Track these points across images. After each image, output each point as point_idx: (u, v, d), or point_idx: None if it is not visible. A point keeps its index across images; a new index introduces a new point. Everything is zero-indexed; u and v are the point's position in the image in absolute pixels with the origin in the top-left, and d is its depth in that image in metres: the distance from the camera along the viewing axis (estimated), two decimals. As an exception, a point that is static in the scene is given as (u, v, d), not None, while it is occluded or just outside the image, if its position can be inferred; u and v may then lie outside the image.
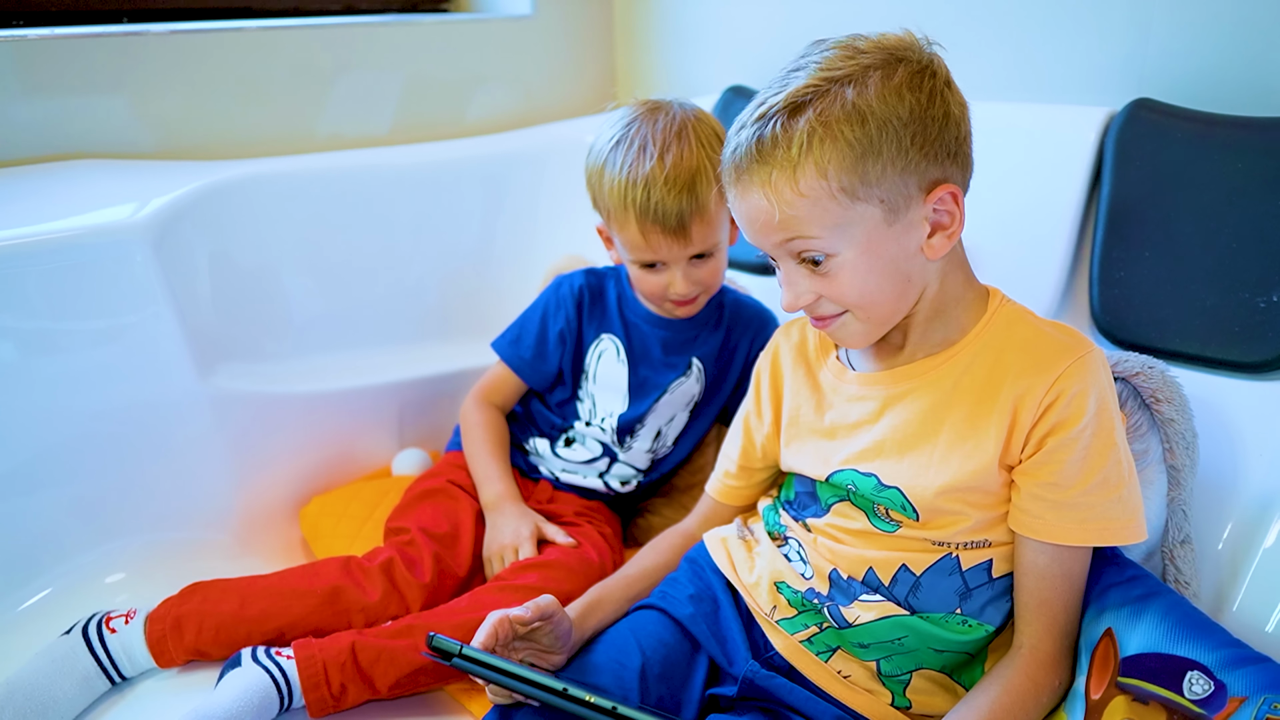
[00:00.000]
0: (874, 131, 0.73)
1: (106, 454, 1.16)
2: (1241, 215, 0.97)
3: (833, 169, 0.73)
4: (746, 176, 0.76)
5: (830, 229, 0.75)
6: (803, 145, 0.73)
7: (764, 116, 0.75)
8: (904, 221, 0.76)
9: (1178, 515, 0.87)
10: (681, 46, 1.75)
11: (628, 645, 0.87)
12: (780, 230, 0.76)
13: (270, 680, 0.88)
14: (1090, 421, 0.75)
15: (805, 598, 0.84)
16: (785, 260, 0.79)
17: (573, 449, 1.19)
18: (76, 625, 0.95)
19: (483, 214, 1.56)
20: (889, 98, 0.74)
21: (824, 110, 0.73)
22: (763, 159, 0.74)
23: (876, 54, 0.75)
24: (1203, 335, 0.96)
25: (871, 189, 0.74)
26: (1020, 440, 0.77)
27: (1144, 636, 0.75)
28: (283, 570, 1.02)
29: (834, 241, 0.76)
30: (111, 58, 1.34)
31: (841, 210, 0.74)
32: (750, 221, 0.78)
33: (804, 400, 0.91)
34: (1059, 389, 0.75)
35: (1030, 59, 1.23)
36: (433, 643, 0.73)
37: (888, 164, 0.74)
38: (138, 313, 1.16)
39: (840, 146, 0.73)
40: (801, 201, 0.74)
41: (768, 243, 0.79)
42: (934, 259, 0.79)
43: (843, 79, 0.74)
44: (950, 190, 0.76)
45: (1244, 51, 1.05)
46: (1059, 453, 0.76)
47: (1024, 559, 0.79)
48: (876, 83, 0.74)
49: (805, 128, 0.73)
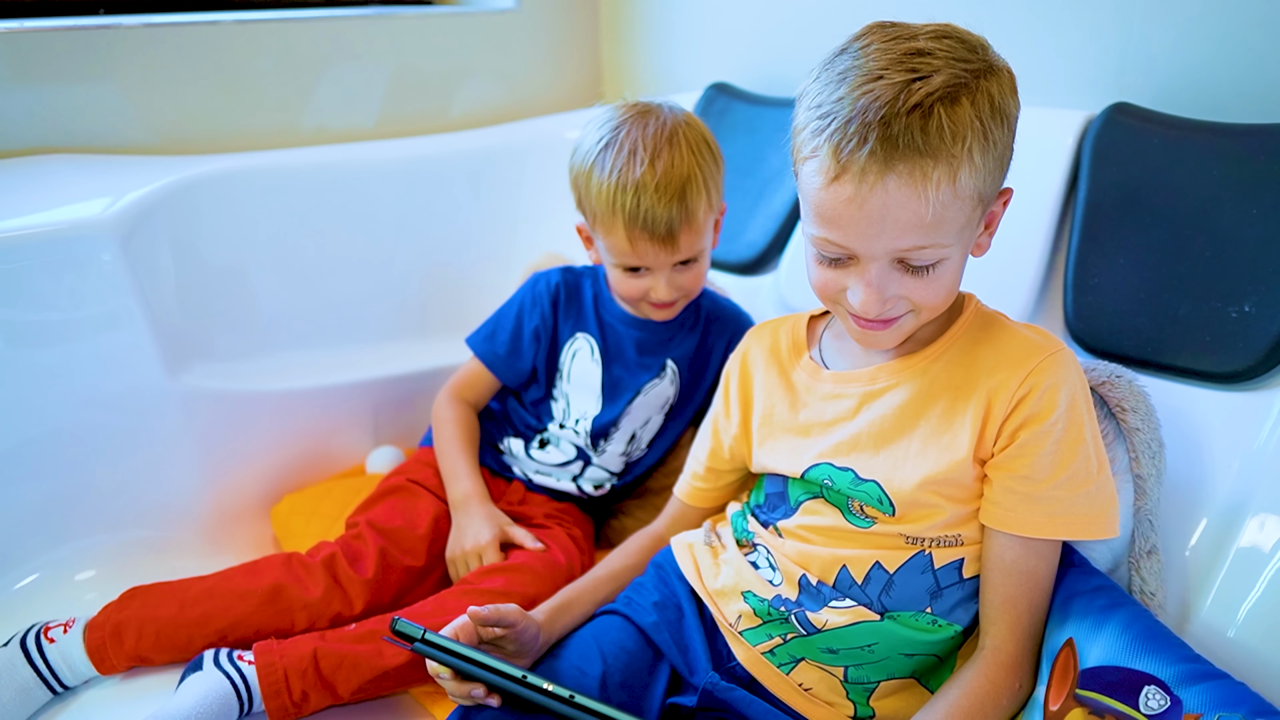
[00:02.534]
0: (1007, 134, 0.72)
1: (75, 451, 1.15)
2: (1216, 223, 0.96)
3: (982, 168, 0.70)
4: (903, 167, 0.68)
5: (958, 232, 0.72)
6: (966, 141, 0.68)
7: (923, 105, 0.67)
8: (982, 220, 0.76)
9: (1144, 525, 0.87)
10: (666, 42, 1.73)
11: (590, 652, 0.87)
12: (918, 233, 0.70)
13: (230, 686, 0.87)
14: (1061, 416, 0.76)
15: (771, 605, 0.84)
16: (880, 262, 0.73)
17: (546, 451, 1.18)
18: (15, 637, 0.94)
19: (463, 210, 1.55)
20: (1013, 97, 0.73)
21: (977, 104, 0.69)
22: (928, 151, 0.67)
23: (986, 52, 0.73)
24: (1174, 344, 0.95)
25: (990, 190, 0.73)
26: (993, 433, 0.77)
27: (1105, 648, 0.75)
28: (224, 570, 1.01)
29: (955, 246, 0.73)
30: (88, 50, 1.33)
31: (970, 211, 0.72)
32: (884, 219, 0.70)
33: (777, 400, 0.91)
34: (1031, 383, 0.76)
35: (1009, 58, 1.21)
36: (396, 626, 0.73)
37: (1004, 165, 0.74)
38: (105, 309, 1.16)
39: (990, 146, 0.70)
40: (955, 203, 0.70)
41: (889, 245, 0.71)
42: (978, 256, 0.79)
43: (977, 71, 0.70)
44: (1009, 193, 0.78)
45: (1226, 57, 1.03)
46: (1030, 446, 0.76)
47: (991, 554, 0.79)
48: (1002, 80, 0.72)
49: (968, 121, 0.68)
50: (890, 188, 0.69)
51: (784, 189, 1.36)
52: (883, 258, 0.73)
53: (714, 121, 1.49)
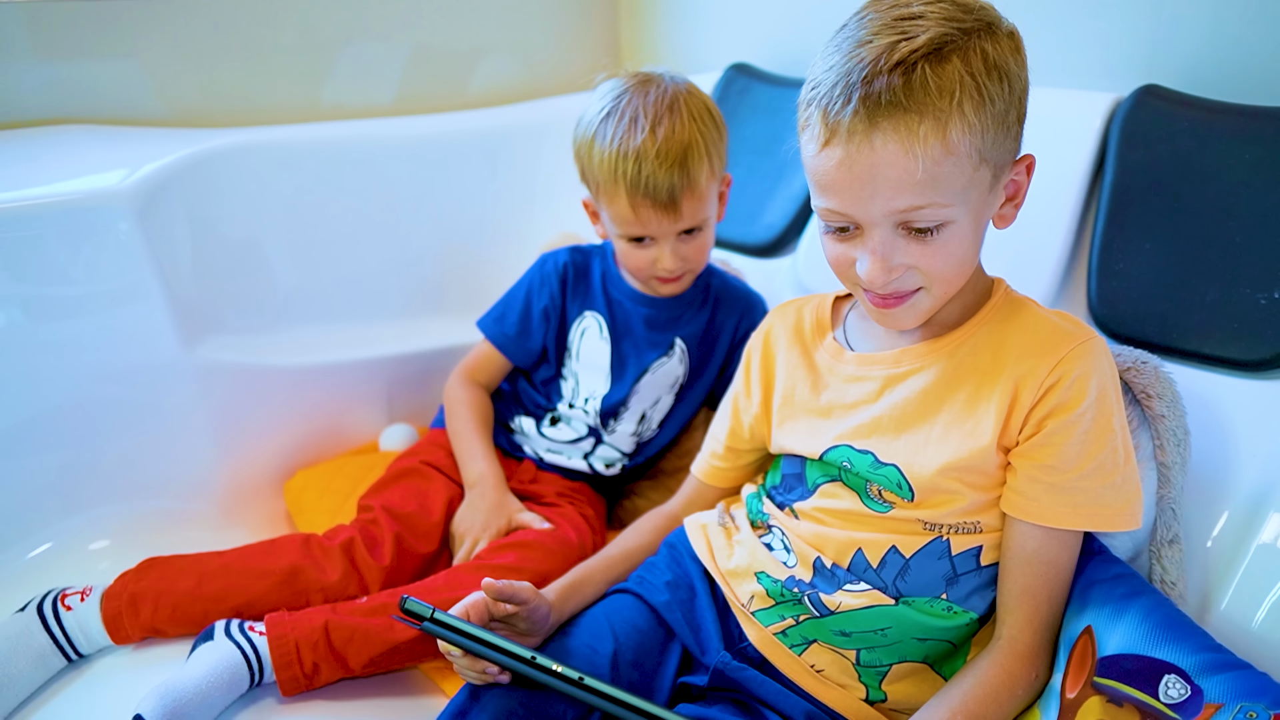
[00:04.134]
0: (1008, 91, 0.70)
1: (89, 422, 1.15)
2: (1247, 208, 0.94)
3: (978, 125, 0.68)
4: (887, 124, 0.67)
5: (959, 193, 0.70)
6: (955, 95, 0.67)
7: (904, 61, 0.67)
8: (998, 188, 0.74)
9: (1166, 514, 0.85)
10: (686, 22, 1.72)
11: (601, 630, 0.86)
12: (913, 193, 0.69)
13: (241, 656, 0.87)
14: (1090, 406, 0.74)
15: (785, 587, 0.83)
16: (882, 227, 0.72)
17: (558, 428, 1.18)
18: (32, 602, 0.95)
19: (479, 188, 1.55)
20: (1016, 57, 0.72)
21: (968, 60, 0.68)
22: (912, 106, 0.67)
23: (988, 12, 0.72)
24: (1201, 331, 0.94)
25: (995, 151, 0.71)
26: (1019, 421, 0.76)
27: (1124, 636, 0.74)
28: (242, 547, 1.02)
29: (958, 208, 0.71)
30: (108, 23, 1.33)
31: (971, 171, 0.70)
32: (875, 179, 0.69)
33: (799, 380, 0.89)
34: (1060, 372, 0.74)
35: (1038, 40, 1.19)
36: (405, 605, 0.73)
37: (1010, 126, 0.72)
38: (121, 281, 1.16)
39: (986, 102, 0.69)
40: (948, 160, 0.68)
41: (885, 207, 0.70)
42: (1002, 229, 0.78)
43: (972, 30, 0.69)
44: (1029, 160, 0.76)
45: (1259, 39, 1.01)
46: (1057, 435, 0.74)
47: (1012, 543, 0.78)
48: (1005, 41, 0.71)
49: (955, 76, 0.67)
50: (877, 146, 0.68)
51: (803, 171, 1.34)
52: (883, 222, 0.72)
53: (734, 102, 1.48)
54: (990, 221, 0.77)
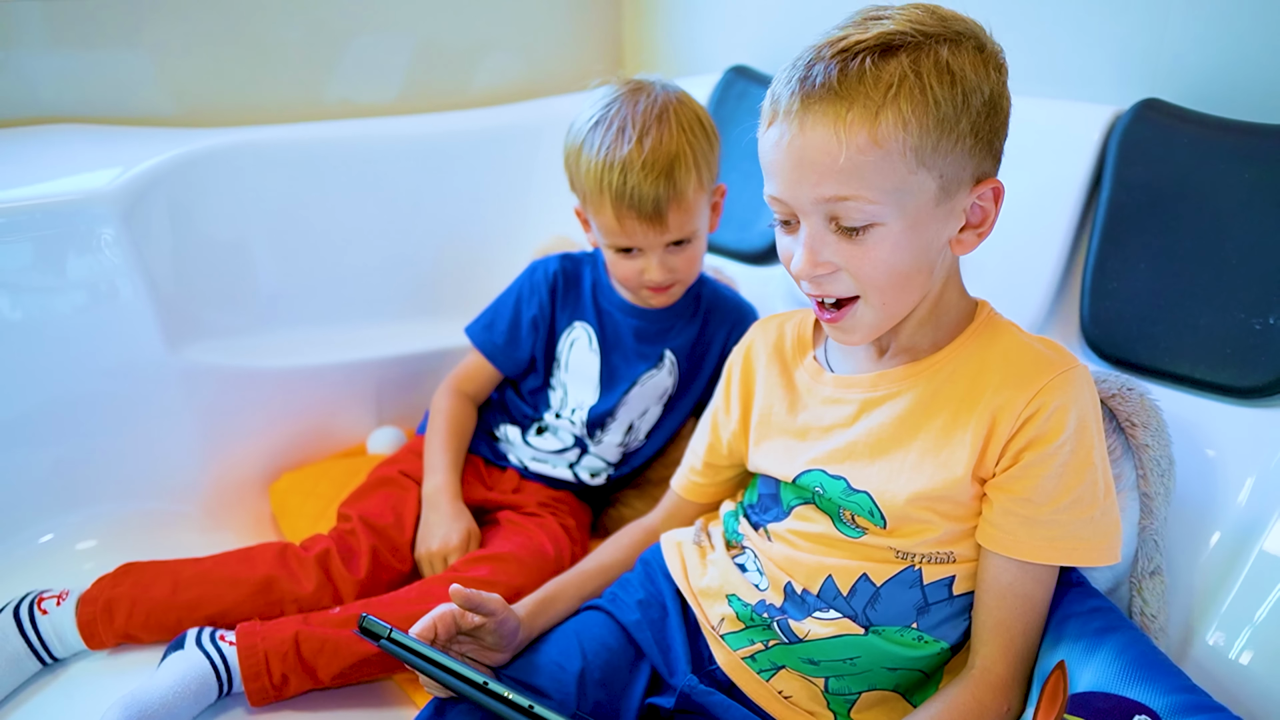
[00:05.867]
0: (960, 99, 0.68)
1: (74, 423, 1.15)
2: (1244, 229, 0.91)
3: (915, 124, 0.67)
4: (818, 109, 0.68)
5: (888, 193, 0.69)
6: (891, 89, 0.67)
7: (849, 50, 0.67)
8: (948, 206, 0.72)
9: (1149, 545, 0.84)
10: (688, 23, 1.70)
11: (570, 648, 0.86)
12: (836, 181, 0.69)
13: (210, 666, 0.87)
14: (1069, 439, 0.72)
15: (755, 611, 0.82)
16: (814, 219, 0.72)
17: (544, 438, 1.17)
18: (8, 605, 0.95)
19: (475, 189, 1.53)
20: (980, 69, 0.70)
21: (918, 60, 0.67)
22: (844, 93, 0.67)
23: (962, 25, 0.71)
24: (1193, 355, 0.91)
25: (939, 159, 0.69)
26: (996, 452, 0.74)
27: (1096, 673, 0.72)
28: (218, 555, 1.01)
29: (887, 208, 0.69)
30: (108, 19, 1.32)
31: (905, 173, 0.69)
32: (801, 163, 0.70)
33: (777, 399, 0.88)
34: (1039, 403, 0.72)
35: (1038, 50, 1.17)
36: (363, 623, 0.72)
37: (961, 138, 0.69)
38: (107, 283, 1.15)
39: (928, 103, 0.67)
40: (874, 151, 0.67)
41: (811, 194, 0.70)
42: (959, 254, 0.76)
43: (935, 36, 0.69)
44: (995, 186, 0.73)
45: (1265, 54, 0.98)
46: (1034, 468, 0.73)
47: (987, 575, 0.76)
48: (969, 51, 0.70)
49: (897, 71, 0.67)
50: (807, 129, 0.69)
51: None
52: (813, 212, 0.72)
53: (732, 105, 1.46)
54: (948, 245, 0.75)
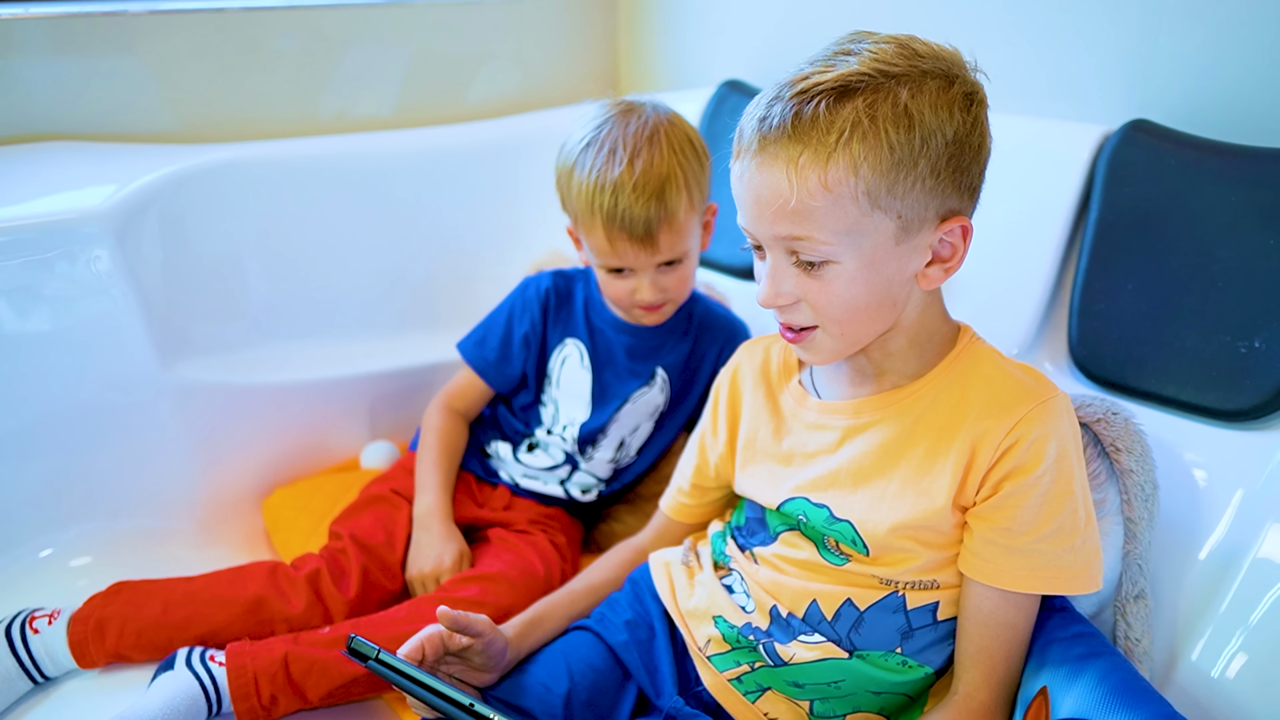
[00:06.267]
0: (918, 142, 0.68)
1: (68, 440, 1.16)
2: (1231, 251, 0.92)
3: (866, 169, 0.68)
4: (773, 150, 0.69)
5: (841, 234, 0.70)
6: (843, 134, 0.67)
7: (806, 93, 0.68)
8: (911, 244, 0.72)
9: (1133, 569, 0.84)
10: (682, 37, 1.70)
11: (557, 669, 0.86)
12: (790, 221, 0.70)
13: (199, 687, 0.88)
14: (1049, 468, 0.73)
15: (741, 633, 0.82)
16: (775, 252, 0.73)
17: (534, 455, 1.17)
18: (0, 624, 0.95)
19: (469, 203, 1.54)
20: (941, 111, 0.69)
21: (874, 104, 0.68)
22: (797, 137, 0.68)
23: (933, 62, 0.71)
24: (1179, 378, 0.92)
25: (895, 201, 0.69)
26: (976, 482, 0.74)
27: (1078, 700, 0.72)
28: (210, 574, 1.02)
29: (840, 248, 0.71)
30: (102, 37, 1.33)
31: (859, 215, 0.69)
32: (758, 200, 0.71)
33: (762, 423, 0.88)
34: (1018, 434, 0.73)
35: (1028, 69, 1.17)
36: (351, 644, 0.73)
37: (919, 180, 0.69)
38: (100, 299, 1.16)
39: (881, 147, 0.68)
40: (824, 196, 0.68)
41: (768, 230, 0.72)
42: (926, 289, 0.76)
43: (899, 77, 0.69)
44: (962, 224, 0.73)
45: (1254, 77, 0.98)
46: (1014, 498, 0.73)
47: (969, 603, 0.76)
48: (932, 92, 0.69)
49: (851, 116, 0.67)
50: (763, 167, 0.71)
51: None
52: (775, 246, 0.73)
53: (726, 119, 1.46)
54: (914, 279, 0.75)
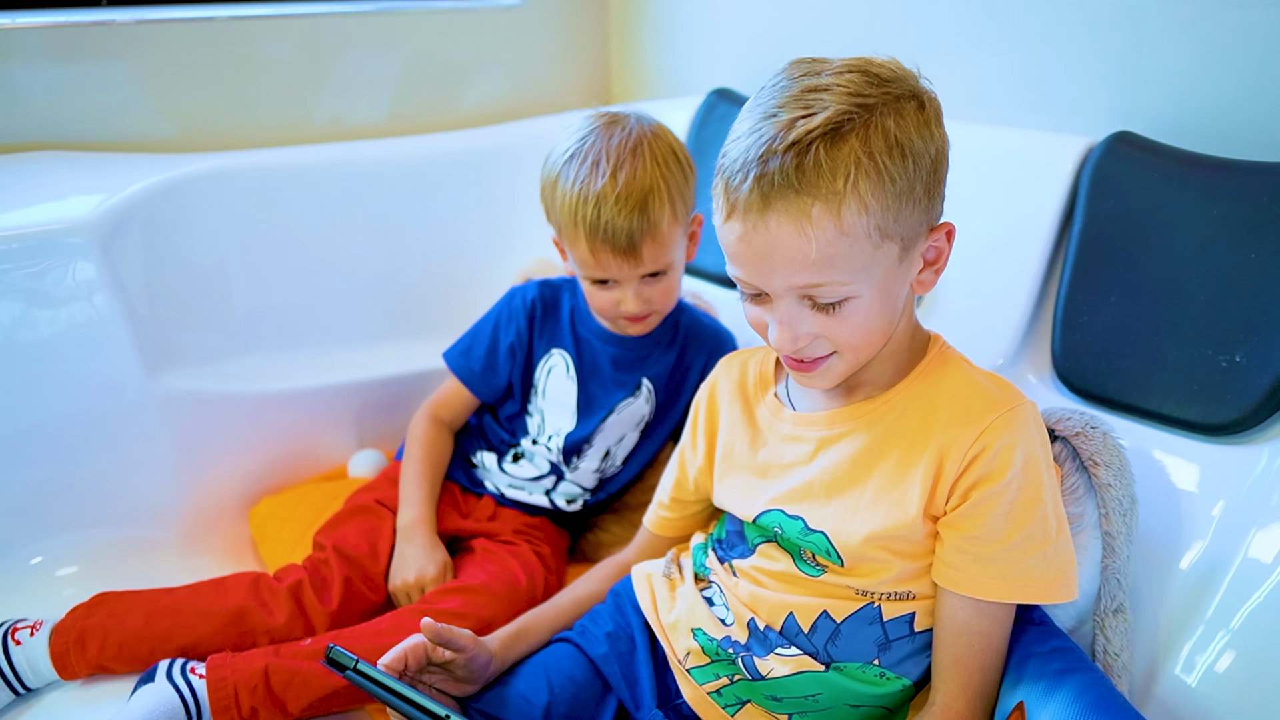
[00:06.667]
0: (911, 167, 0.69)
1: (53, 450, 1.16)
2: (1213, 265, 0.92)
3: (874, 204, 0.68)
4: (779, 206, 0.68)
5: (859, 271, 0.70)
6: (849, 176, 0.67)
7: (800, 142, 0.67)
8: (910, 259, 0.73)
9: (1111, 583, 0.84)
10: (672, 45, 1.70)
11: (538, 681, 0.86)
12: (809, 272, 0.69)
13: (179, 700, 0.88)
14: (1016, 476, 0.73)
15: (720, 646, 0.82)
16: (786, 299, 0.72)
17: (520, 465, 1.17)
18: None
19: (458, 211, 1.54)
20: (923, 132, 0.70)
21: (868, 140, 0.67)
22: (804, 189, 0.67)
23: (899, 84, 0.71)
24: (1160, 391, 0.92)
25: (899, 227, 0.70)
26: (945, 491, 0.75)
27: (1055, 715, 0.72)
28: (192, 585, 1.02)
29: (858, 284, 0.70)
30: (93, 46, 1.33)
31: (872, 250, 0.69)
32: (771, 256, 0.69)
33: (739, 436, 0.89)
34: (984, 442, 0.73)
35: (1012, 81, 1.18)
36: (330, 654, 0.73)
37: (915, 201, 0.70)
38: (85, 309, 1.16)
39: (883, 181, 0.68)
40: (842, 241, 0.68)
41: (782, 284, 0.70)
42: (922, 294, 0.77)
43: (876, 107, 0.69)
44: (948, 229, 0.75)
45: (1239, 90, 0.98)
46: (983, 506, 0.73)
47: (943, 613, 0.77)
48: (912, 115, 0.70)
49: (851, 157, 0.67)
50: (771, 226, 0.69)
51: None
52: (787, 295, 0.72)
53: (715, 128, 1.46)
54: (910, 287, 0.76)
